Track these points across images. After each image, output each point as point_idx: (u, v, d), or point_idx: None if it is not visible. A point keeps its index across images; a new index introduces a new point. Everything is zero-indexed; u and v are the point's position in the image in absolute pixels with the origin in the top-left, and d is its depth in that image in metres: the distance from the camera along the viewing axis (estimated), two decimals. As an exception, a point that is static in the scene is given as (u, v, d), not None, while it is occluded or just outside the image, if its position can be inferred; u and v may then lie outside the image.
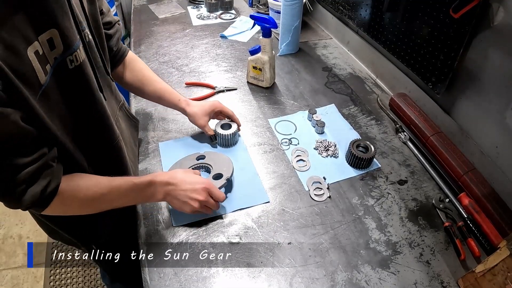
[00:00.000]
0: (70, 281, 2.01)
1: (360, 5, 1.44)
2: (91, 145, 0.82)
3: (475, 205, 0.92)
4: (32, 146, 0.64)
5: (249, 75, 1.41)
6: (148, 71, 1.10)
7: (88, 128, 0.79)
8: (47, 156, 0.66)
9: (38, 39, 0.61)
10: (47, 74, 0.64)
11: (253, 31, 1.82)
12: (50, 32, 0.64)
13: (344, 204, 0.97)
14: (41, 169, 0.65)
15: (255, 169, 1.06)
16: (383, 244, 0.88)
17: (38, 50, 0.61)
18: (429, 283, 0.81)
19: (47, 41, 0.63)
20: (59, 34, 0.65)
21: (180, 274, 0.81)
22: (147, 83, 1.08)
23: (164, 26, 1.88)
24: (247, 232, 0.90)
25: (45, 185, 0.66)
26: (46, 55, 0.63)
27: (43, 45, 0.62)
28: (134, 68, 1.07)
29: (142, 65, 1.10)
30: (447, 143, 1.07)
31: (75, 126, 0.75)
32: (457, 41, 0.99)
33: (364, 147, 1.08)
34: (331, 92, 1.40)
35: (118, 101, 1.02)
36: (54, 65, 0.66)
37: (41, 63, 0.62)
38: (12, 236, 2.22)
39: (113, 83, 0.97)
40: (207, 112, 1.10)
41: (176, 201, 0.86)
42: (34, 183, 0.65)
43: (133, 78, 1.07)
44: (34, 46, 0.60)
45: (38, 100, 0.62)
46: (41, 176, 0.65)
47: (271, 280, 0.80)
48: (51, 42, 0.64)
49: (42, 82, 0.62)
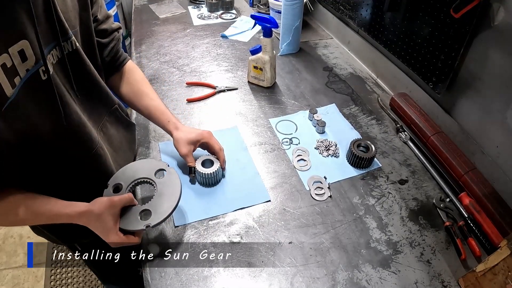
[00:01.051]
0: (70, 280, 2.01)
1: (360, 5, 1.44)
2: (66, 155, 0.81)
3: (475, 205, 0.92)
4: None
5: (250, 75, 1.42)
6: (144, 85, 1.06)
7: (62, 138, 0.78)
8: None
9: (8, 51, 0.60)
10: (14, 87, 0.63)
11: (253, 31, 1.82)
12: (21, 43, 0.62)
13: (345, 203, 0.97)
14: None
15: (256, 168, 1.06)
16: (383, 243, 0.88)
17: (6, 63, 0.60)
18: (429, 283, 0.81)
19: (18, 52, 0.62)
20: (30, 46, 0.64)
21: (181, 274, 0.81)
22: (140, 98, 1.04)
23: (165, 26, 1.88)
24: (248, 231, 0.90)
25: None
26: (16, 67, 0.62)
27: (14, 57, 0.61)
28: (130, 79, 1.04)
29: (139, 77, 1.06)
30: (447, 142, 1.07)
31: (46, 137, 0.74)
32: (457, 41, 0.99)
33: (365, 147, 1.08)
34: (331, 92, 1.40)
35: (109, 106, 0.98)
36: (26, 77, 0.65)
37: (8, 75, 0.61)
38: (12, 236, 2.22)
39: (105, 89, 0.94)
40: (192, 141, 1.00)
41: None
42: None
43: (128, 90, 1.04)
44: (2, 58, 0.59)
45: (1, 114, 0.61)
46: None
47: (272, 280, 0.80)
48: (22, 54, 0.63)
49: (8, 95, 0.62)
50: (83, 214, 0.78)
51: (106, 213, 0.78)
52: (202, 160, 1.01)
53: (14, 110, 0.63)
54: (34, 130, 0.70)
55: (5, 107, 0.62)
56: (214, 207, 0.95)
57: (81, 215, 0.78)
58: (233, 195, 0.99)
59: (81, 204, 0.79)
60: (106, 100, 0.97)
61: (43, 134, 0.72)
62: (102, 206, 0.78)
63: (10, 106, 0.62)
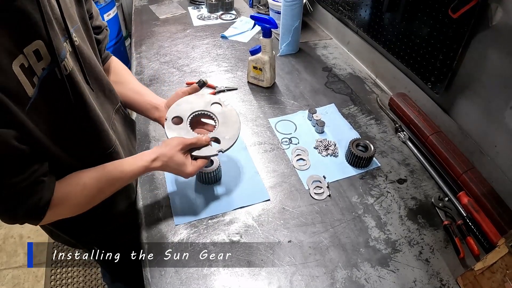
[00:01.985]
0: (71, 280, 2.01)
1: (360, 6, 1.45)
2: (86, 154, 0.81)
3: (474, 204, 0.93)
4: (23, 164, 0.65)
5: (250, 75, 1.42)
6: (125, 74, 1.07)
7: (81, 137, 0.78)
8: (37, 172, 0.67)
9: (24, 52, 0.61)
10: (34, 86, 0.63)
11: (253, 31, 1.82)
12: (36, 43, 0.63)
13: (344, 202, 0.98)
14: (32, 186, 0.66)
15: (256, 168, 1.07)
16: (382, 242, 0.89)
17: (24, 63, 0.61)
18: (428, 281, 0.81)
19: (33, 52, 0.63)
20: (44, 45, 0.64)
21: (181, 272, 0.81)
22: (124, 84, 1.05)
23: (165, 27, 1.89)
24: (247, 230, 0.90)
25: (37, 201, 0.68)
26: (33, 66, 0.63)
27: (29, 57, 0.62)
28: (115, 70, 1.06)
29: (121, 66, 1.08)
30: (446, 142, 1.07)
31: (67, 136, 0.74)
32: (456, 41, 1.00)
33: (364, 146, 1.09)
34: (331, 92, 1.40)
35: (114, 104, 0.99)
36: (42, 76, 0.65)
37: (28, 75, 0.61)
38: (13, 236, 2.23)
39: (108, 85, 0.94)
40: (167, 104, 1.00)
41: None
42: (26, 200, 0.66)
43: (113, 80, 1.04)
44: (19, 59, 0.60)
45: (27, 114, 0.62)
46: (32, 193, 0.67)
47: (271, 278, 0.81)
48: (37, 53, 0.63)
49: (29, 95, 0.62)
50: (156, 159, 0.84)
51: (179, 153, 0.85)
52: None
53: (35, 110, 0.64)
54: (53, 130, 0.70)
55: (28, 107, 0.62)
56: (214, 206, 0.96)
57: (155, 160, 0.83)
58: (232, 194, 0.99)
59: (148, 152, 0.85)
60: (112, 97, 0.97)
61: (61, 133, 0.73)
62: (174, 147, 0.85)
63: (32, 106, 0.63)
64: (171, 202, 0.96)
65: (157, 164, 0.84)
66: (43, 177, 0.69)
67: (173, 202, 0.96)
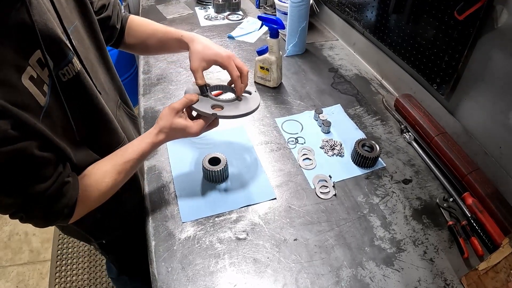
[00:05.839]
0: (75, 278, 2.03)
1: (366, 7, 1.46)
2: (99, 149, 0.83)
3: (478, 205, 0.93)
4: (49, 169, 0.67)
5: (257, 75, 1.43)
6: (147, 25, 1.09)
7: (93, 136, 0.81)
8: (63, 174, 0.69)
9: (29, 63, 0.61)
10: (46, 95, 0.64)
11: (260, 32, 1.83)
12: (38, 53, 0.63)
13: (349, 202, 0.99)
14: (61, 188, 0.69)
15: (262, 167, 1.08)
16: (387, 241, 0.89)
17: (33, 75, 0.61)
18: (432, 281, 0.82)
19: (37, 62, 0.63)
20: (46, 52, 0.64)
21: (188, 269, 0.82)
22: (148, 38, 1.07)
23: (172, 27, 1.88)
24: (254, 228, 0.91)
25: (67, 201, 0.70)
26: (40, 76, 0.64)
27: (35, 67, 0.62)
28: (132, 28, 1.07)
29: (140, 21, 1.09)
30: (451, 143, 1.08)
31: (81, 134, 0.76)
32: (461, 43, 1.01)
33: (369, 147, 1.10)
34: (337, 93, 1.41)
35: (115, 100, 1.00)
36: (50, 83, 0.66)
37: (38, 86, 0.62)
38: (18, 233, 2.25)
39: (106, 83, 0.95)
40: (206, 59, 0.92)
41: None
42: (56, 202, 0.69)
43: (137, 37, 1.08)
44: (28, 72, 0.60)
45: (41, 122, 0.63)
46: (61, 195, 0.69)
47: (277, 276, 0.82)
48: (40, 62, 0.64)
49: (42, 104, 0.63)
50: (159, 133, 0.85)
51: (175, 119, 0.84)
52: (209, 158, 1.02)
53: (48, 117, 0.65)
54: (66, 133, 0.72)
55: (42, 116, 0.64)
56: (221, 204, 0.97)
57: (158, 134, 0.85)
58: (239, 193, 1.00)
59: (150, 130, 0.86)
60: (112, 93, 0.99)
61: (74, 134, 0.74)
62: (168, 116, 0.85)
63: (45, 114, 0.64)
64: (178, 199, 0.98)
65: (161, 136, 0.85)
66: (68, 177, 0.71)
67: (180, 199, 0.98)
